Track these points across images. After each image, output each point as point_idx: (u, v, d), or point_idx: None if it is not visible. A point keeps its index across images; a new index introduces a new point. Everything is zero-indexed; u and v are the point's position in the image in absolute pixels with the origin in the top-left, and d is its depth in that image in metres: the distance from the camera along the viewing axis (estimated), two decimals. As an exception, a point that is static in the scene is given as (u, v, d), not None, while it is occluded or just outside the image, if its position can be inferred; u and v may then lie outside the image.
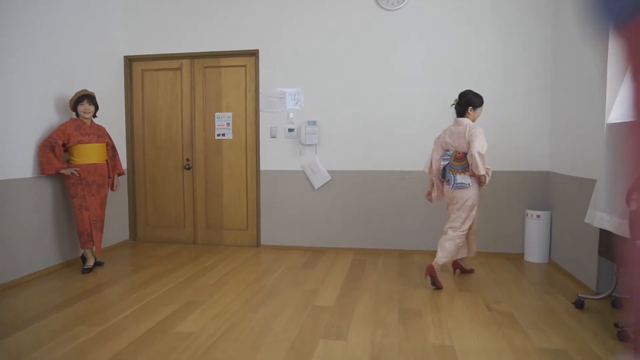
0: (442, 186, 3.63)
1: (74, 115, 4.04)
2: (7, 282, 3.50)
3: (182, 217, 5.12)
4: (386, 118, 4.55)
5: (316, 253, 4.63)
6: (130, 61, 5.09)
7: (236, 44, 4.80)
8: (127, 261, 4.36)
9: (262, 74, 4.77)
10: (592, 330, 2.64)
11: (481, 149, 3.29)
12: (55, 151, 3.82)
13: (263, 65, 4.76)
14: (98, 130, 4.09)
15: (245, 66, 4.86)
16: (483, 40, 4.36)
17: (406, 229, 4.59)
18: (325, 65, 4.64)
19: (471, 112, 3.49)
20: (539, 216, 4.15)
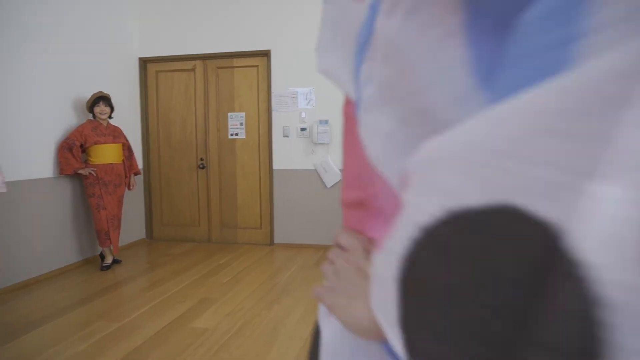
0: None
1: (90, 116, 4.13)
2: (29, 278, 3.61)
3: (196, 216, 5.20)
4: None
5: (329, 251, 4.66)
6: (145, 63, 5.18)
7: (248, 44, 4.85)
8: (144, 259, 4.45)
9: (274, 74, 4.81)
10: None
11: None
12: (73, 152, 3.91)
13: (275, 65, 4.81)
14: (114, 131, 4.18)
15: (257, 66, 4.91)
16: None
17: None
18: (337, 64, 4.66)
19: None
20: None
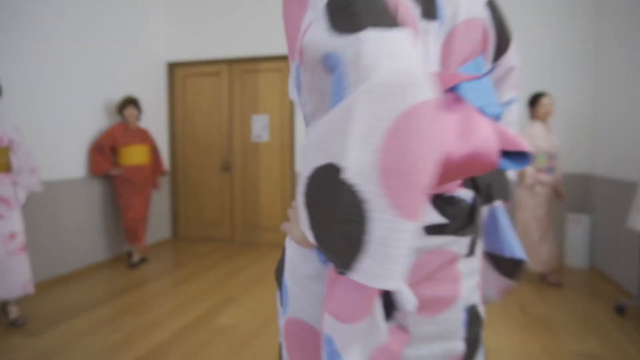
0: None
1: (120, 119, 4.29)
2: (62, 274, 3.76)
3: (220, 216, 5.31)
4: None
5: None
6: (172, 67, 5.33)
7: (273, 48, 4.94)
8: (169, 258, 4.57)
9: (297, 77, 4.88)
10: (633, 337, 2.58)
11: None
12: (103, 153, 4.07)
13: (299, 69, 4.87)
14: (142, 133, 4.32)
15: (281, 70, 4.99)
16: (518, 34, 4.30)
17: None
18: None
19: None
20: (579, 220, 4.05)
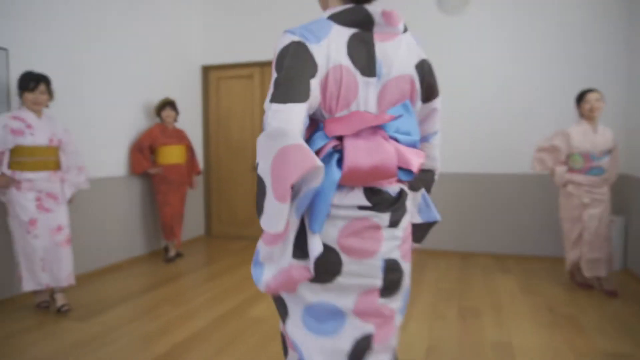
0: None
1: (158, 120, 4.50)
2: (104, 266, 3.99)
3: (251, 215, 5.46)
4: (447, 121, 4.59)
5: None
6: (206, 70, 5.53)
7: (303, 51, 5.05)
8: (203, 254, 4.75)
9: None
10: (665, 337, 2.55)
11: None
12: (143, 153, 4.28)
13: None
14: (179, 134, 4.52)
15: (311, 72, 5.10)
16: (549, 44, 4.27)
17: (469, 231, 4.59)
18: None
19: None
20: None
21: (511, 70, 4.40)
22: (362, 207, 1.05)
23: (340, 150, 1.03)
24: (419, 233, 1.27)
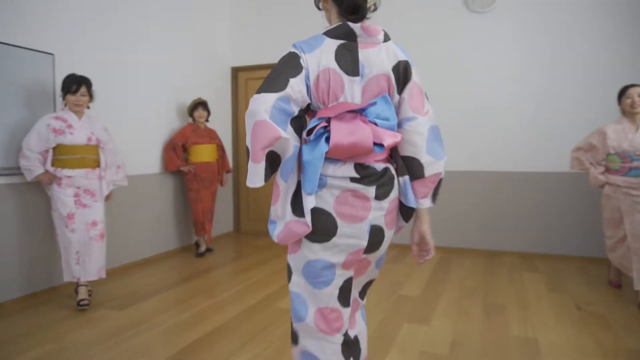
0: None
1: (190, 120, 4.67)
2: (138, 260, 4.18)
3: (278, 212, 5.57)
4: (465, 118, 4.57)
5: (403, 249, 4.79)
6: (236, 71, 5.68)
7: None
8: (232, 249, 4.90)
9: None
10: (697, 338, 2.50)
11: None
12: (176, 151, 4.46)
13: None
14: (210, 133, 4.68)
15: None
16: (582, 43, 4.20)
17: (495, 229, 4.56)
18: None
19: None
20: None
21: (549, 70, 4.35)
22: (353, 179, 1.31)
23: (329, 131, 1.29)
24: (406, 214, 1.47)
